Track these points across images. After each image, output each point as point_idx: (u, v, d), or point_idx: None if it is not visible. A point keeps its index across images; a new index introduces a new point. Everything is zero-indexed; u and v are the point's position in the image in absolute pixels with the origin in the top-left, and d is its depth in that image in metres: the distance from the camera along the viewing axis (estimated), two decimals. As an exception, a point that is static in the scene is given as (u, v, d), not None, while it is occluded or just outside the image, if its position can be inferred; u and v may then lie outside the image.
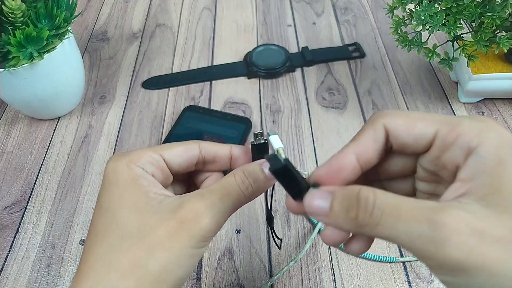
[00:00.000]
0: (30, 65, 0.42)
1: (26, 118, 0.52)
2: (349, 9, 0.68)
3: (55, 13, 0.43)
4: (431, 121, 0.20)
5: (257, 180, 0.24)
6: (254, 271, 0.38)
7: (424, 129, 0.20)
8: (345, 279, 0.37)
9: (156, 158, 0.25)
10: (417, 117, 0.21)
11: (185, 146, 0.26)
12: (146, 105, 0.53)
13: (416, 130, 0.20)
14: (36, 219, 0.42)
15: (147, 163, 0.24)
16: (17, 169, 0.46)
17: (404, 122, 0.21)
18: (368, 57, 0.59)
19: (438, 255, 0.17)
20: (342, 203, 0.19)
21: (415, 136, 0.20)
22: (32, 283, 0.37)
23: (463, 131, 0.19)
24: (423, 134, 0.20)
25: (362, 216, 0.18)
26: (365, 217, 0.18)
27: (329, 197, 0.20)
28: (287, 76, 0.56)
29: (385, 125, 0.21)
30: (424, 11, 0.42)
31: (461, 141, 0.19)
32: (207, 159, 0.27)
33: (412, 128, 0.20)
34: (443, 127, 0.20)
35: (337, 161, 0.22)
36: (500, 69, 0.49)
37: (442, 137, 0.20)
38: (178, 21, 0.66)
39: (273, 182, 0.25)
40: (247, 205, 0.42)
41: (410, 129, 0.20)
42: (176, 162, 0.26)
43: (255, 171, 0.25)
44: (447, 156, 0.20)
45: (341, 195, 0.20)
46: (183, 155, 0.26)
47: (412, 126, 0.20)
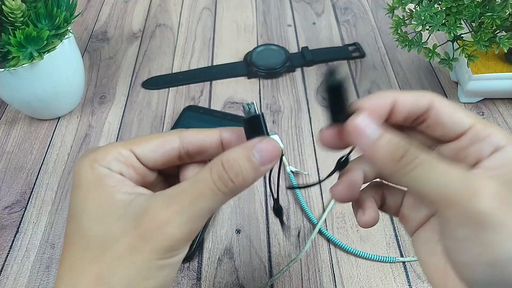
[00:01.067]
0: (30, 65, 0.42)
1: (26, 118, 0.52)
2: (349, 9, 0.68)
3: (55, 13, 0.43)
4: (470, 115, 0.22)
5: (241, 173, 0.20)
6: (254, 271, 0.38)
7: (464, 118, 0.21)
8: (345, 279, 0.37)
9: (125, 154, 0.22)
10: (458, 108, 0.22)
11: (161, 139, 0.23)
12: (146, 105, 0.53)
13: (457, 117, 0.21)
14: (36, 219, 0.42)
15: (113, 160, 0.22)
16: (17, 169, 0.46)
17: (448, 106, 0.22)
18: (368, 57, 0.59)
19: (465, 204, 0.18)
20: (394, 139, 0.20)
21: (454, 122, 0.22)
22: (32, 283, 0.37)
23: (495, 131, 0.21)
24: (461, 122, 0.21)
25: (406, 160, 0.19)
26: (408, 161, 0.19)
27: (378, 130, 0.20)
28: (287, 76, 0.56)
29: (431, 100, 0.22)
30: (424, 11, 0.42)
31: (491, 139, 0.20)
32: (191, 150, 0.23)
33: (455, 113, 0.22)
34: (479, 123, 0.21)
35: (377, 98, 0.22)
36: (500, 69, 0.49)
37: (476, 131, 0.21)
38: (178, 21, 0.66)
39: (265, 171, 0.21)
40: (247, 205, 0.42)
41: (453, 114, 0.22)
42: (151, 157, 0.23)
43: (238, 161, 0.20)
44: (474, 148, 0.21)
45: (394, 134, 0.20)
46: (158, 149, 0.23)
47: (455, 112, 0.22)
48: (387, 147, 0.20)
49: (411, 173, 0.19)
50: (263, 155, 0.21)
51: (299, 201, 0.42)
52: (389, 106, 0.22)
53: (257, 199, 0.43)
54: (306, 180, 0.44)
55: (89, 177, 0.21)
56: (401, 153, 0.20)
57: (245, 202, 0.43)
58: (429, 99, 0.22)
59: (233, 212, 0.42)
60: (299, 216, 0.42)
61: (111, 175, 0.21)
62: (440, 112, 0.22)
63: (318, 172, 0.45)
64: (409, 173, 0.19)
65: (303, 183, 0.44)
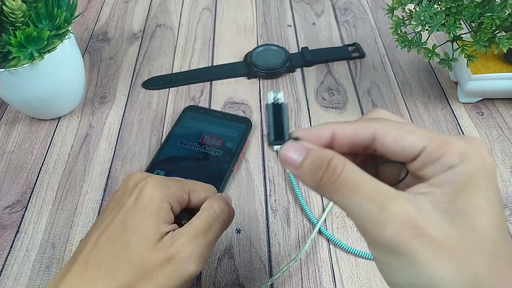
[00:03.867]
0: (30, 65, 0.42)
1: (27, 118, 0.52)
2: (348, 9, 0.68)
3: (55, 13, 0.43)
4: (421, 136, 0.21)
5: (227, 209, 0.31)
6: (254, 270, 0.38)
7: (413, 143, 0.21)
8: (345, 279, 0.37)
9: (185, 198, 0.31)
10: (408, 130, 0.21)
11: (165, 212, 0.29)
12: (147, 105, 0.53)
13: (405, 143, 0.21)
14: (37, 219, 0.42)
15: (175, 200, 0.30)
16: (17, 169, 0.46)
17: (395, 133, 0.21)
18: (367, 57, 0.59)
19: (375, 234, 0.19)
20: (313, 162, 0.21)
21: (403, 148, 0.21)
22: (33, 282, 0.37)
23: (448, 150, 0.20)
24: (411, 147, 0.21)
25: (325, 180, 0.20)
26: (328, 182, 0.20)
27: (304, 153, 0.22)
28: (287, 76, 0.57)
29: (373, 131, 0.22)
30: (424, 11, 0.42)
31: (444, 159, 0.20)
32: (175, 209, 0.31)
33: (402, 140, 0.21)
34: (431, 143, 0.20)
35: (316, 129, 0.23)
36: (500, 69, 0.49)
37: (428, 153, 0.20)
38: (178, 22, 0.66)
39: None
40: (247, 205, 0.42)
41: (400, 141, 0.21)
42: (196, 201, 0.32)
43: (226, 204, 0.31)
44: (428, 169, 0.21)
45: (315, 154, 0.21)
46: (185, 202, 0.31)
47: (402, 138, 0.21)
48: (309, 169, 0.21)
49: (334, 195, 0.20)
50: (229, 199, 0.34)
51: (299, 201, 0.42)
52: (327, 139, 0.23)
53: (257, 199, 0.43)
54: (306, 180, 0.45)
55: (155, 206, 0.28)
56: (321, 174, 0.21)
57: (245, 202, 0.43)
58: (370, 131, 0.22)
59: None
60: (299, 216, 0.42)
61: (168, 210, 0.29)
62: (385, 142, 0.21)
63: (318, 172, 0.45)
64: (333, 195, 0.20)
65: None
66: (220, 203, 0.30)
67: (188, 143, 0.47)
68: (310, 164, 0.21)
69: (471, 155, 0.20)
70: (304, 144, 0.22)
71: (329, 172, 0.20)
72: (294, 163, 0.22)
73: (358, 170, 0.20)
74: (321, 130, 0.23)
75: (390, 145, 0.21)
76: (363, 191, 0.19)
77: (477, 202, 0.19)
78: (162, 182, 0.30)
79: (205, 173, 0.44)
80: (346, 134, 0.22)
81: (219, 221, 0.29)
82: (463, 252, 0.18)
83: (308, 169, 0.21)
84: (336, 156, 0.21)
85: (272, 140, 0.24)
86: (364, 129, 0.22)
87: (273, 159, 0.46)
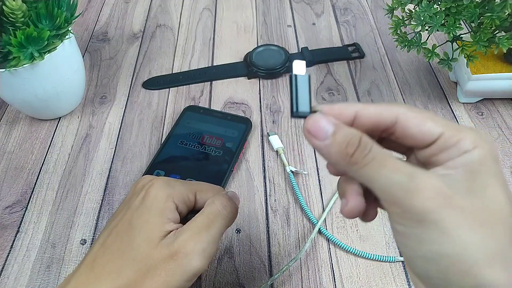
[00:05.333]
0: (30, 65, 0.42)
1: (27, 118, 0.52)
2: (348, 9, 0.68)
3: (55, 13, 0.43)
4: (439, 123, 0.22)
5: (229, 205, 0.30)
6: (254, 270, 0.38)
7: (433, 128, 0.22)
8: (345, 278, 0.37)
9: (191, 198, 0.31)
10: (428, 116, 0.22)
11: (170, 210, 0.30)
12: (147, 105, 0.53)
13: (426, 127, 0.22)
14: (37, 219, 0.42)
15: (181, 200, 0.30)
16: (18, 169, 0.47)
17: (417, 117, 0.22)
18: (367, 58, 0.59)
19: (406, 202, 0.20)
20: (345, 136, 0.21)
21: (423, 133, 0.22)
22: (33, 282, 0.38)
23: (464, 137, 0.21)
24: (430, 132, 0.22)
25: (357, 155, 0.21)
26: (359, 156, 0.21)
27: (333, 126, 0.22)
28: (287, 76, 0.57)
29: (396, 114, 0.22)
30: (424, 11, 0.42)
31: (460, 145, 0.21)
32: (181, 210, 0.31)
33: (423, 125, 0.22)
34: (448, 130, 0.22)
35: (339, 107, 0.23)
36: (500, 69, 0.49)
37: (445, 138, 0.21)
38: (178, 22, 0.66)
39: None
40: (247, 205, 0.42)
41: (421, 125, 0.22)
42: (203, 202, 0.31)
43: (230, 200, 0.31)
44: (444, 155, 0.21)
45: (346, 129, 0.22)
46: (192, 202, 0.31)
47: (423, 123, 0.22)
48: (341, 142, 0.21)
49: (362, 170, 0.21)
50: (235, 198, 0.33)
51: (299, 201, 0.42)
52: (350, 118, 0.23)
53: (257, 199, 0.43)
54: (306, 180, 0.45)
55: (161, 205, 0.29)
56: (353, 149, 0.21)
57: (245, 202, 0.43)
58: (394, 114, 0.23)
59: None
60: (299, 215, 0.42)
61: (173, 210, 0.29)
62: (407, 126, 0.22)
63: (318, 172, 0.45)
64: (361, 169, 0.21)
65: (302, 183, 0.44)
66: (223, 200, 0.30)
67: (188, 143, 0.47)
68: (342, 138, 0.21)
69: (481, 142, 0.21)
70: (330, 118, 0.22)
71: (361, 147, 0.21)
72: (324, 135, 0.22)
73: (385, 150, 0.21)
74: (344, 108, 0.23)
75: (412, 129, 0.22)
76: (392, 164, 0.20)
77: (492, 180, 0.20)
78: (168, 182, 0.30)
79: (205, 173, 0.44)
80: (370, 114, 0.23)
81: (222, 216, 0.29)
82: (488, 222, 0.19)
83: (340, 143, 0.21)
84: (365, 135, 0.22)
85: (295, 111, 0.23)
86: (388, 111, 0.23)
87: (273, 159, 0.46)
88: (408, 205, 0.20)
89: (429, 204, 0.19)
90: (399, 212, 0.20)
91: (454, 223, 0.19)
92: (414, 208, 0.19)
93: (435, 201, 0.19)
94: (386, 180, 0.20)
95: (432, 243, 0.19)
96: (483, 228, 0.19)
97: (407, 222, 0.20)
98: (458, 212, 0.19)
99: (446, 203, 0.19)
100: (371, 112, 0.23)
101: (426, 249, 0.20)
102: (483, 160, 0.20)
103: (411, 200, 0.19)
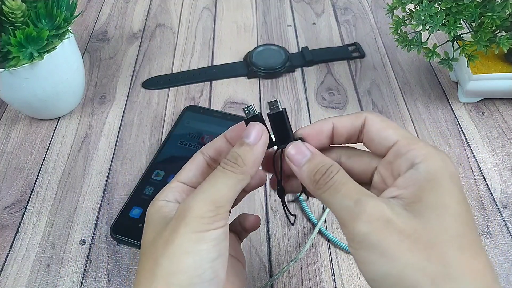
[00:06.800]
0: (30, 65, 0.42)
1: (26, 118, 0.52)
2: (349, 9, 0.68)
3: (55, 13, 0.43)
4: (398, 132, 0.24)
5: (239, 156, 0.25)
6: (254, 271, 0.38)
7: (390, 136, 0.24)
8: (345, 279, 0.37)
9: (174, 185, 0.27)
10: (390, 125, 0.25)
11: (191, 160, 0.28)
12: (146, 105, 0.53)
13: (385, 133, 0.24)
14: (36, 219, 0.42)
15: (169, 193, 0.27)
16: (17, 169, 0.46)
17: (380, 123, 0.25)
18: (368, 57, 0.59)
19: (350, 225, 0.21)
20: (315, 166, 0.24)
21: (382, 138, 0.24)
22: (32, 283, 0.37)
23: (414, 148, 0.23)
24: (387, 139, 0.24)
25: (321, 181, 0.23)
26: (322, 182, 0.23)
27: (307, 156, 0.25)
28: (287, 76, 0.56)
29: (366, 117, 0.25)
30: (424, 11, 0.42)
31: (409, 155, 0.23)
32: (215, 158, 0.28)
33: (383, 131, 0.24)
34: (404, 139, 0.23)
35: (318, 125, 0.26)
36: (500, 69, 0.49)
37: (398, 147, 0.23)
38: (178, 21, 0.66)
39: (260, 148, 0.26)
40: (247, 205, 0.42)
41: (382, 131, 0.24)
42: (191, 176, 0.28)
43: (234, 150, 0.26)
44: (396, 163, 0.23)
45: (318, 160, 0.24)
46: (192, 167, 0.28)
47: (383, 129, 0.24)
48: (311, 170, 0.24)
49: (323, 194, 0.23)
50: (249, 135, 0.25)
51: (299, 201, 0.42)
52: (329, 131, 0.26)
53: (257, 199, 0.43)
54: (306, 180, 0.44)
55: (151, 211, 0.26)
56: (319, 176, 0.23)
57: (245, 202, 0.43)
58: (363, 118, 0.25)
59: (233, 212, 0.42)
60: (299, 216, 0.42)
61: (167, 204, 0.26)
62: (370, 130, 0.25)
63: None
64: (322, 194, 0.23)
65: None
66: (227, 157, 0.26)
67: (188, 143, 0.47)
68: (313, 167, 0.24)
69: (433, 157, 0.22)
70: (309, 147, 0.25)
71: (325, 175, 0.23)
72: (298, 163, 0.25)
73: (346, 176, 0.23)
74: (323, 124, 0.26)
75: (373, 133, 0.25)
76: (345, 189, 0.22)
77: (441, 199, 0.21)
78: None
79: (205, 173, 0.44)
80: (343, 123, 0.26)
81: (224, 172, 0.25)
82: (431, 243, 0.20)
83: (311, 170, 0.24)
84: (334, 164, 0.24)
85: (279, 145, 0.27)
86: (357, 118, 0.25)
87: (273, 159, 0.46)
88: (352, 228, 0.21)
89: (369, 228, 0.20)
90: (348, 235, 0.22)
91: (392, 245, 0.20)
92: (357, 231, 0.21)
93: (374, 225, 0.20)
94: (338, 204, 0.22)
95: (375, 264, 0.20)
96: (424, 250, 0.19)
97: (355, 245, 0.21)
98: (397, 234, 0.20)
99: (385, 226, 0.20)
100: (343, 121, 0.26)
101: (372, 270, 0.21)
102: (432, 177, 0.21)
103: (354, 224, 0.21)
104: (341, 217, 0.22)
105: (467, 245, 0.20)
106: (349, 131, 0.26)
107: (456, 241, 0.20)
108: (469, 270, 0.19)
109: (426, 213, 0.20)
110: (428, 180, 0.21)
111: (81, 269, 0.38)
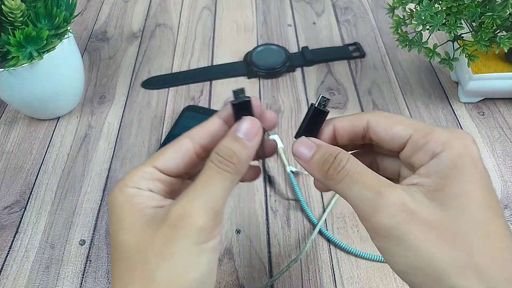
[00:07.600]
0: (29, 65, 0.42)
1: (26, 118, 0.52)
2: (349, 9, 0.68)
3: (54, 13, 0.43)
4: (407, 126, 0.23)
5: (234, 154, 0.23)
6: (254, 271, 0.38)
7: (400, 132, 0.23)
8: (345, 279, 0.37)
9: (149, 171, 0.24)
10: (397, 121, 0.23)
11: (174, 146, 0.25)
12: (146, 105, 0.53)
13: (393, 131, 0.23)
14: (36, 219, 0.42)
15: (140, 180, 0.24)
16: (16, 169, 0.46)
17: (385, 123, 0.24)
18: (368, 57, 0.59)
19: (372, 219, 0.20)
20: (322, 156, 0.23)
21: (392, 136, 0.23)
22: (32, 283, 0.37)
23: (432, 138, 0.22)
24: (398, 136, 0.23)
25: (331, 171, 0.22)
26: (333, 172, 0.22)
27: (314, 148, 0.24)
28: (287, 76, 0.56)
29: (368, 119, 0.24)
30: (425, 10, 0.42)
31: (428, 147, 0.22)
32: (206, 145, 0.25)
33: (390, 129, 0.23)
34: (417, 133, 0.23)
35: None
36: (501, 69, 0.49)
37: (414, 141, 0.23)
38: (178, 21, 0.66)
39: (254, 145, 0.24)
40: (247, 205, 0.42)
41: (389, 130, 0.23)
42: (171, 165, 0.25)
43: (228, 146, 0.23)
44: (415, 157, 0.22)
45: (324, 150, 0.24)
46: (175, 156, 0.25)
47: (391, 127, 0.23)
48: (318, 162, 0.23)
49: (338, 185, 0.22)
50: (245, 132, 0.24)
51: (299, 201, 0.42)
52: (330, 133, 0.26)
53: (257, 199, 0.43)
54: (307, 180, 0.44)
55: (120, 200, 0.23)
56: (328, 166, 0.23)
57: (245, 202, 0.43)
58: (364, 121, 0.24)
59: (233, 212, 0.42)
60: (299, 216, 0.42)
61: (140, 193, 0.23)
62: (377, 131, 0.24)
63: (318, 172, 0.45)
64: (337, 185, 0.22)
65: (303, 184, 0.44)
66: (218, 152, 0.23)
67: (187, 143, 0.47)
68: (319, 157, 0.23)
69: (453, 143, 0.21)
70: (314, 140, 0.25)
71: (334, 164, 0.22)
72: (305, 157, 0.24)
73: (359, 164, 0.22)
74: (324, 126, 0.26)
75: (381, 134, 0.24)
76: (362, 180, 0.21)
77: (464, 186, 0.20)
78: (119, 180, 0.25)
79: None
80: (344, 125, 0.25)
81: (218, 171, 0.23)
82: (456, 233, 0.19)
83: (317, 161, 0.23)
84: (342, 151, 0.23)
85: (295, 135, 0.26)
86: (359, 120, 0.25)
87: (273, 159, 0.46)
88: (375, 222, 0.20)
89: (393, 221, 0.20)
90: (370, 228, 0.21)
91: (418, 237, 0.19)
92: (380, 224, 0.20)
93: (398, 218, 0.20)
94: (357, 196, 0.21)
95: (401, 257, 0.20)
96: (450, 241, 0.19)
97: (378, 238, 0.21)
98: (421, 226, 0.20)
99: (409, 219, 0.20)
100: (343, 123, 0.25)
101: (399, 262, 0.20)
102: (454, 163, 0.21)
103: (376, 217, 0.20)
104: (361, 209, 0.21)
105: (493, 232, 0.20)
106: (349, 134, 0.25)
107: (481, 229, 0.20)
108: (494, 259, 0.19)
109: (450, 202, 0.20)
110: (451, 168, 0.21)
111: (80, 269, 0.38)
